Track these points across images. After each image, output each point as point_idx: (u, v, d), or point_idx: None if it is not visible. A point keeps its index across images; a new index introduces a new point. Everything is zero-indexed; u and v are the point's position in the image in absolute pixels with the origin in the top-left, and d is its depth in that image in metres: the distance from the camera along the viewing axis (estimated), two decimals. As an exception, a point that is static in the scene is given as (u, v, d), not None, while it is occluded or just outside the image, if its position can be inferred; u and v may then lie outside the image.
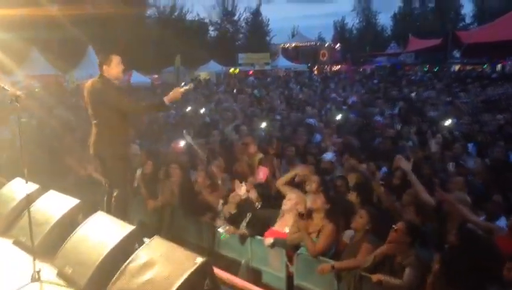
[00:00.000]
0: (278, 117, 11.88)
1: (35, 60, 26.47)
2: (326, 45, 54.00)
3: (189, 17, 46.77)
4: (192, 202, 6.15)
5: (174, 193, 6.40)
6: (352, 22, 64.69)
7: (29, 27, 26.13)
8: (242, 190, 5.89)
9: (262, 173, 6.43)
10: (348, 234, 4.90)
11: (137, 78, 28.98)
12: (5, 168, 7.99)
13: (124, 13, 35.03)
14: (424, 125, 10.05)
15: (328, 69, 48.89)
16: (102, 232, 4.13)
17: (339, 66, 48.87)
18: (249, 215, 5.49)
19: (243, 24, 52.36)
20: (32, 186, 5.55)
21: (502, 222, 4.83)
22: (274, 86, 24.73)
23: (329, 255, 4.72)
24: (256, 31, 51.89)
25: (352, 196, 5.44)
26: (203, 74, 38.11)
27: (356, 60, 43.34)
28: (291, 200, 5.04)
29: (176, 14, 45.54)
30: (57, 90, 23.38)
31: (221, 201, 6.12)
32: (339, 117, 10.38)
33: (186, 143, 7.08)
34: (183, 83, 5.00)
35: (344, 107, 13.42)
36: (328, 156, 7.13)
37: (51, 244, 4.51)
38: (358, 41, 60.40)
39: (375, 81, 28.77)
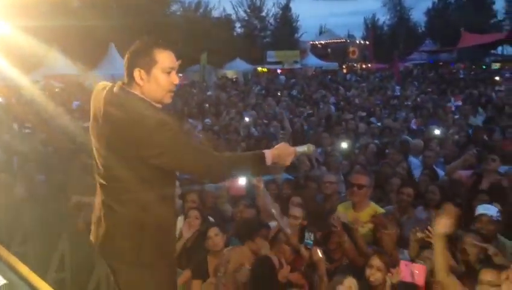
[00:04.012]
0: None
1: (56, 59, 24.27)
2: (356, 42, 51.42)
3: (215, 13, 44.52)
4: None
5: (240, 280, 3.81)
6: (383, 18, 61.55)
7: (50, 20, 23.99)
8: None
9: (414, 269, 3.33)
10: None
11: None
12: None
13: (146, 9, 33.06)
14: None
15: (359, 67, 46.27)
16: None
17: (370, 64, 46.10)
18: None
19: (271, 20, 49.71)
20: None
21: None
22: (313, 86, 22.05)
23: None
24: (285, 28, 49.21)
25: None
26: (229, 72, 35.80)
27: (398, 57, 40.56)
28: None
29: (201, 10, 43.28)
30: (78, 91, 21.04)
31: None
32: (438, 132, 7.52)
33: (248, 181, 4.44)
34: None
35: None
36: (490, 210, 3.84)
37: None
38: (390, 39, 57.18)
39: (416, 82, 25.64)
